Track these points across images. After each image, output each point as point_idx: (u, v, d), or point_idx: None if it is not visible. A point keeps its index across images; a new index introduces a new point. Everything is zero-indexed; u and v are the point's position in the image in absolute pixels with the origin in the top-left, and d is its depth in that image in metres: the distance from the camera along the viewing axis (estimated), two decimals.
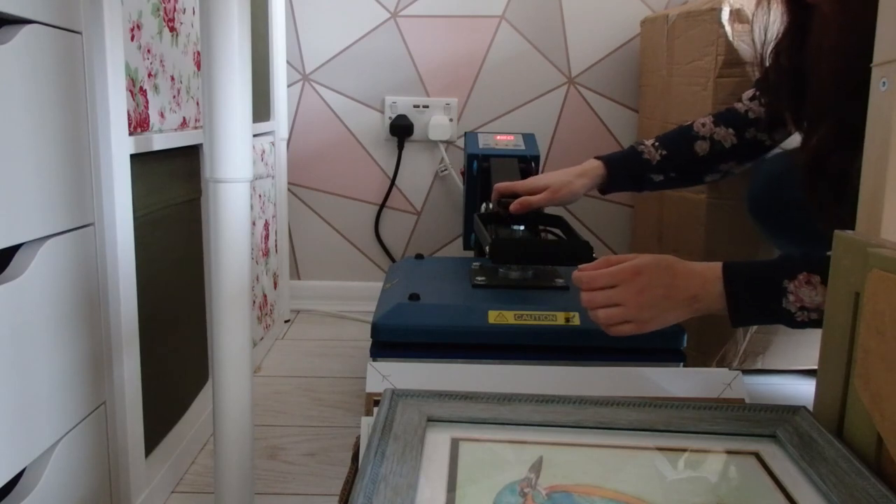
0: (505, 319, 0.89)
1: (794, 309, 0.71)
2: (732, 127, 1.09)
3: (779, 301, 0.72)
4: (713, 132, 1.10)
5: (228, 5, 0.66)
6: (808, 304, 0.71)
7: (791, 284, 0.71)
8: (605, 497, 0.48)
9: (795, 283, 0.71)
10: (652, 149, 1.12)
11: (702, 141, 1.10)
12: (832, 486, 0.48)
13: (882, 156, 0.56)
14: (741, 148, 1.09)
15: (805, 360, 1.28)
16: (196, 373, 1.03)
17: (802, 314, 0.71)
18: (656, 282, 0.76)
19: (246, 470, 0.75)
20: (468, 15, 1.62)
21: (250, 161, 0.71)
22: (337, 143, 1.68)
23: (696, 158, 1.11)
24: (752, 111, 1.08)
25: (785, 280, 0.71)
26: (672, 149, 1.11)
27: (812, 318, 0.71)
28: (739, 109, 1.10)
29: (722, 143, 1.09)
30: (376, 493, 0.45)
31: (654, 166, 1.11)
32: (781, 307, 0.72)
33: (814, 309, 0.71)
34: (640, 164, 1.12)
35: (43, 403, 0.63)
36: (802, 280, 0.71)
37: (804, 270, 0.71)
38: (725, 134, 1.09)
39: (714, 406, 0.59)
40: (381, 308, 0.93)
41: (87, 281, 0.70)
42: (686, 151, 1.11)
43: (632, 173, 1.13)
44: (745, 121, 1.09)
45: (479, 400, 0.59)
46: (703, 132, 1.10)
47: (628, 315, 0.77)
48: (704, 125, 1.11)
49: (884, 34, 0.57)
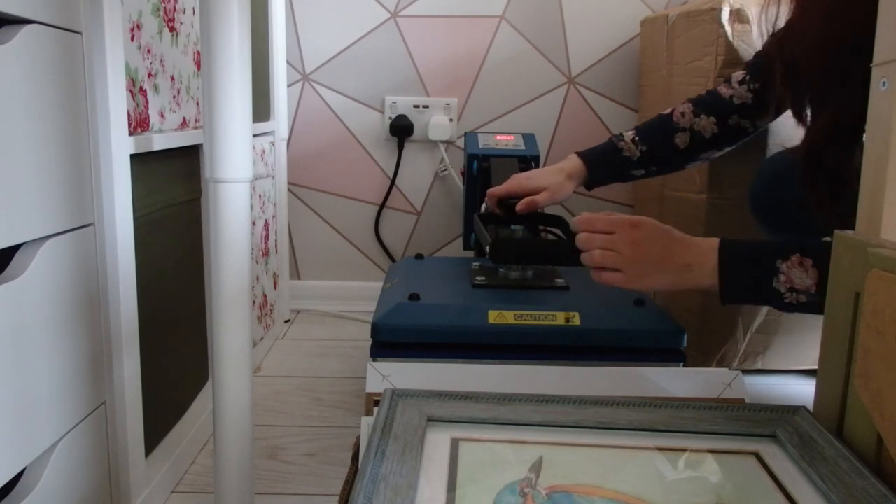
0: (505, 319, 0.89)
1: (784, 290, 0.72)
2: (714, 115, 1.08)
3: (770, 280, 0.72)
4: (693, 122, 1.08)
5: (228, 5, 0.66)
6: (797, 286, 0.71)
7: (784, 265, 0.71)
8: (605, 497, 0.48)
9: (788, 264, 0.71)
10: (632, 144, 1.11)
11: (682, 133, 1.09)
12: (832, 486, 0.48)
13: (882, 156, 0.56)
14: (722, 136, 1.09)
15: (805, 360, 1.28)
16: (196, 373, 1.03)
17: (791, 295, 0.72)
18: (653, 239, 0.77)
19: (246, 470, 0.75)
20: (468, 15, 1.62)
21: (250, 161, 0.71)
22: (337, 143, 1.68)
23: (677, 151, 1.10)
24: (739, 96, 1.07)
25: (778, 260, 0.72)
26: (652, 143, 1.11)
27: (800, 301, 0.72)
28: (724, 94, 1.08)
29: (702, 134, 1.08)
30: (376, 493, 0.45)
31: (635, 162, 1.11)
32: (772, 286, 0.72)
33: (803, 291, 0.71)
34: (622, 162, 1.12)
35: (43, 403, 0.63)
36: (795, 261, 0.71)
37: (798, 252, 0.71)
38: (706, 123, 1.08)
39: (714, 406, 0.59)
40: (381, 308, 0.93)
41: (87, 281, 0.70)
42: (666, 145, 1.10)
43: (613, 170, 1.13)
44: (729, 107, 1.07)
45: (479, 400, 0.59)
46: (683, 123, 1.09)
47: (621, 263, 0.78)
48: (684, 115, 1.09)
49: (884, 34, 0.57)
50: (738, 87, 1.07)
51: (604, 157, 1.13)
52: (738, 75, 1.08)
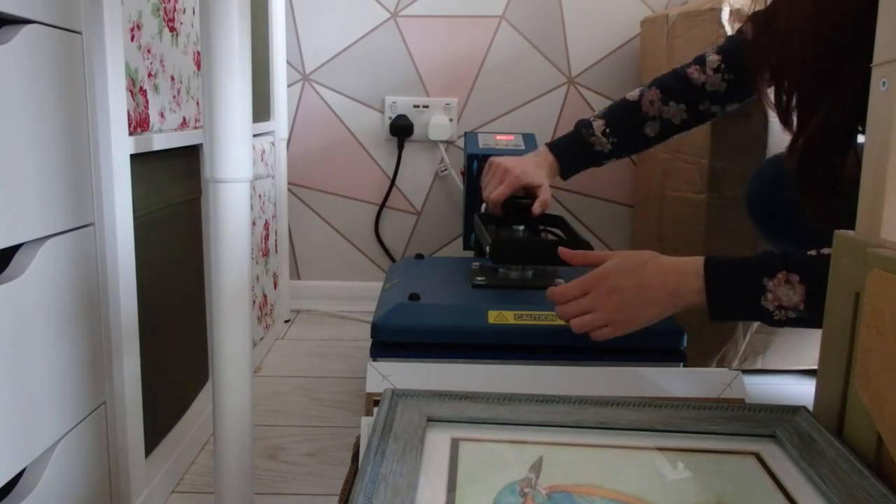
0: (505, 319, 0.89)
1: (772, 308, 0.71)
2: (685, 102, 1.07)
3: (758, 300, 0.71)
4: (662, 111, 1.08)
5: (228, 5, 0.66)
6: (785, 304, 0.70)
7: (770, 283, 0.71)
8: (605, 497, 0.48)
9: (774, 282, 0.70)
10: (603, 137, 1.11)
11: (652, 122, 1.09)
12: (832, 486, 0.48)
13: (882, 156, 0.56)
14: (691, 120, 1.09)
15: (805, 360, 1.28)
16: (196, 373, 1.03)
17: (780, 313, 0.71)
18: (625, 283, 0.77)
19: (246, 470, 0.75)
20: (468, 15, 1.62)
21: (250, 161, 0.71)
22: (337, 143, 1.68)
23: (647, 139, 1.11)
24: (712, 84, 1.05)
25: (765, 278, 0.71)
26: (622, 135, 1.11)
27: (789, 318, 0.71)
28: (695, 80, 1.06)
29: (671, 121, 1.09)
30: (376, 493, 0.45)
31: (606, 154, 1.12)
32: (760, 305, 0.71)
33: (791, 308, 0.70)
34: (594, 154, 1.12)
35: (43, 403, 0.63)
36: (781, 279, 0.70)
37: (784, 269, 0.70)
38: (676, 111, 1.08)
39: (714, 406, 0.59)
40: (381, 308, 0.93)
41: (87, 281, 0.70)
42: (637, 135, 1.11)
43: (584, 161, 1.14)
44: (700, 93, 1.06)
45: (479, 400, 0.59)
46: (653, 112, 1.09)
47: (601, 320, 0.77)
48: (653, 103, 1.08)
49: (884, 34, 0.57)
50: (711, 74, 1.05)
51: (574, 150, 1.13)
52: (712, 61, 1.05)
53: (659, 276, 0.76)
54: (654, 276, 0.76)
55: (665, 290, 0.75)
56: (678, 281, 0.75)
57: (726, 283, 0.73)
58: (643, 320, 0.77)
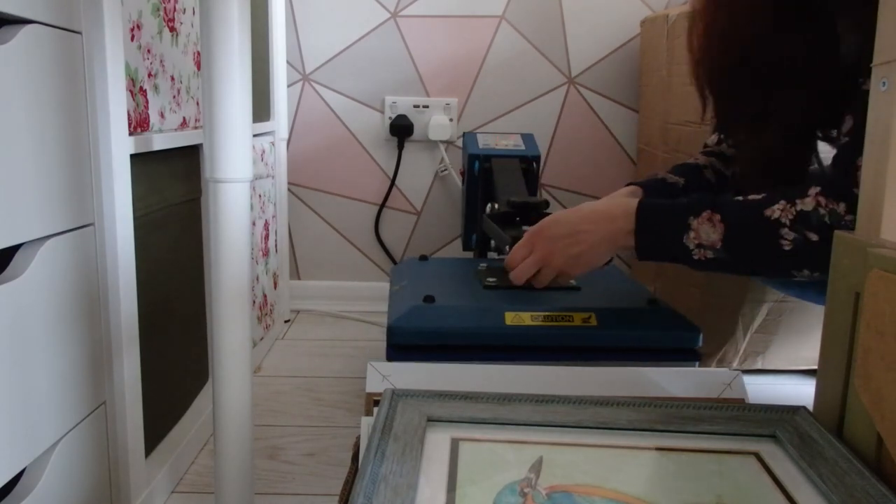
0: (521, 321, 0.88)
1: (693, 245, 0.73)
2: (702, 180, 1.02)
3: (680, 236, 0.74)
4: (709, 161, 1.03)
5: (228, 5, 0.66)
6: (704, 241, 0.73)
7: (695, 221, 0.73)
8: (605, 497, 0.48)
9: (699, 220, 0.73)
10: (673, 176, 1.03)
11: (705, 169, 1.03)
12: (832, 486, 0.48)
13: (882, 156, 0.56)
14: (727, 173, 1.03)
15: (805, 360, 1.28)
16: (196, 373, 1.03)
17: (699, 251, 0.74)
18: (560, 231, 0.82)
19: (246, 470, 0.75)
20: (468, 15, 1.62)
21: (250, 161, 0.71)
22: (337, 143, 1.68)
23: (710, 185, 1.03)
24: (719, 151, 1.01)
25: (691, 216, 0.74)
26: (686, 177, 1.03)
27: (707, 257, 0.74)
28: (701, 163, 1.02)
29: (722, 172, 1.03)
30: (376, 493, 0.45)
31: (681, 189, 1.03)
32: (681, 242, 0.74)
33: (709, 247, 0.73)
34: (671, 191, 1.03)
35: (43, 403, 0.63)
36: (705, 217, 0.73)
37: (709, 208, 0.73)
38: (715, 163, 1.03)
39: (714, 406, 0.59)
40: (396, 310, 0.92)
41: (86, 281, 0.70)
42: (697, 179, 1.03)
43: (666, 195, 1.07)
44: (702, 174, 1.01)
45: (479, 400, 0.59)
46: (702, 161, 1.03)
47: (552, 270, 0.84)
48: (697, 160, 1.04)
49: (884, 34, 0.57)
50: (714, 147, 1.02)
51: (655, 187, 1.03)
52: (710, 140, 1.03)
53: (592, 220, 0.80)
54: (587, 221, 0.80)
55: (598, 233, 0.79)
56: (610, 224, 0.79)
57: (654, 221, 0.76)
58: (589, 263, 0.82)
